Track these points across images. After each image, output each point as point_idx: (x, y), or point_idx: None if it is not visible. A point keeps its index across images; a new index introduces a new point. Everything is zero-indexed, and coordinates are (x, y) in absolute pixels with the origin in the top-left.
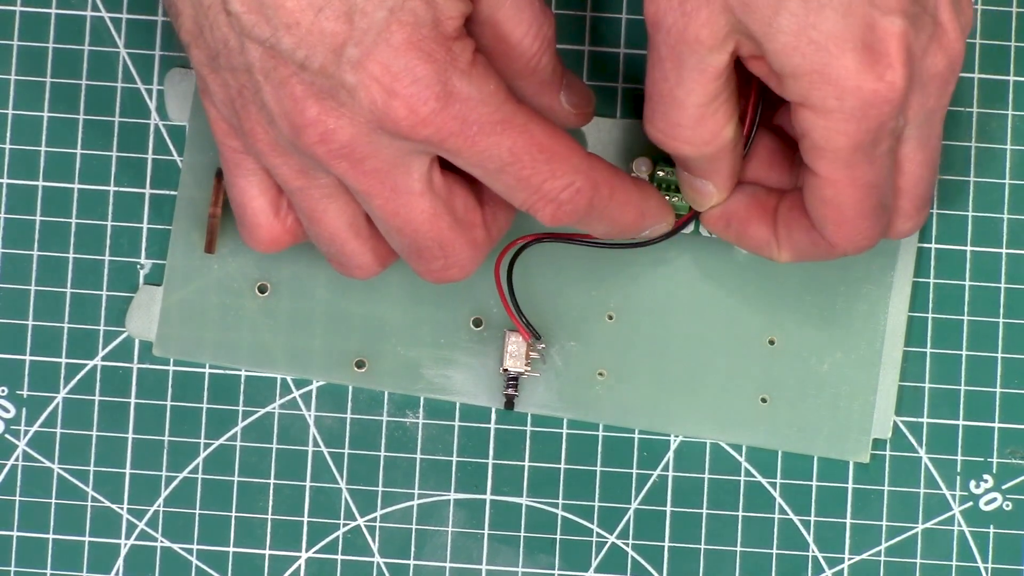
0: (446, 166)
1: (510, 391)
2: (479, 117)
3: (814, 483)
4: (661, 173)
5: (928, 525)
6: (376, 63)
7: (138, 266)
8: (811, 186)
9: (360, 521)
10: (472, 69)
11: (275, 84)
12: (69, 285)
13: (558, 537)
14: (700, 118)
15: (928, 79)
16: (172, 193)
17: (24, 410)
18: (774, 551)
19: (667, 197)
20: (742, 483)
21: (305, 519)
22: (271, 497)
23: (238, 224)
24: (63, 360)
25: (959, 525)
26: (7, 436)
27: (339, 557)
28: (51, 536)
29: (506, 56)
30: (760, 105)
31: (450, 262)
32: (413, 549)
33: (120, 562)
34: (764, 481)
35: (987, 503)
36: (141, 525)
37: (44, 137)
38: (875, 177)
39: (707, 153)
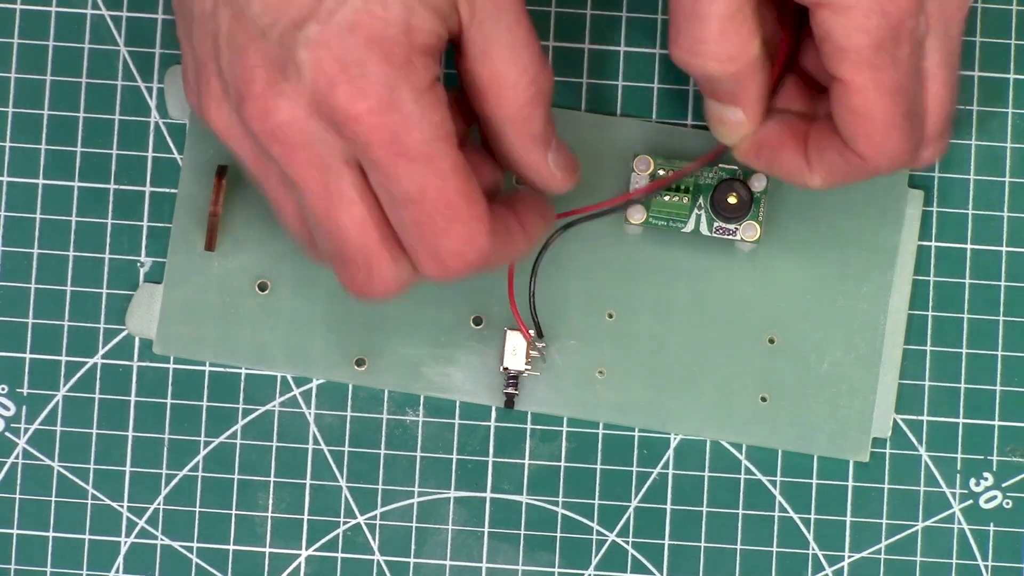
0: None
1: (510, 389)
2: (408, 139)
3: (814, 481)
4: (661, 172)
5: (928, 523)
6: (331, 47)
7: (138, 264)
8: (839, 98)
9: (360, 519)
10: (426, 91)
11: (234, 50)
12: (69, 283)
13: (558, 535)
14: (725, 32)
15: None
16: (172, 191)
17: (24, 408)
18: (774, 549)
19: (667, 197)
20: (742, 481)
21: (305, 517)
22: (271, 495)
23: None
24: (63, 358)
25: (959, 523)
26: (7, 434)
27: (339, 555)
28: (51, 534)
29: (497, 98)
30: (795, 31)
31: (373, 276)
32: (413, 547)
33: (120, 560)
34: (764, 479)
35: (987, 501)
36: (141, 523)
37: (44, 135)
38: (901, 81)
39: (734, 71)
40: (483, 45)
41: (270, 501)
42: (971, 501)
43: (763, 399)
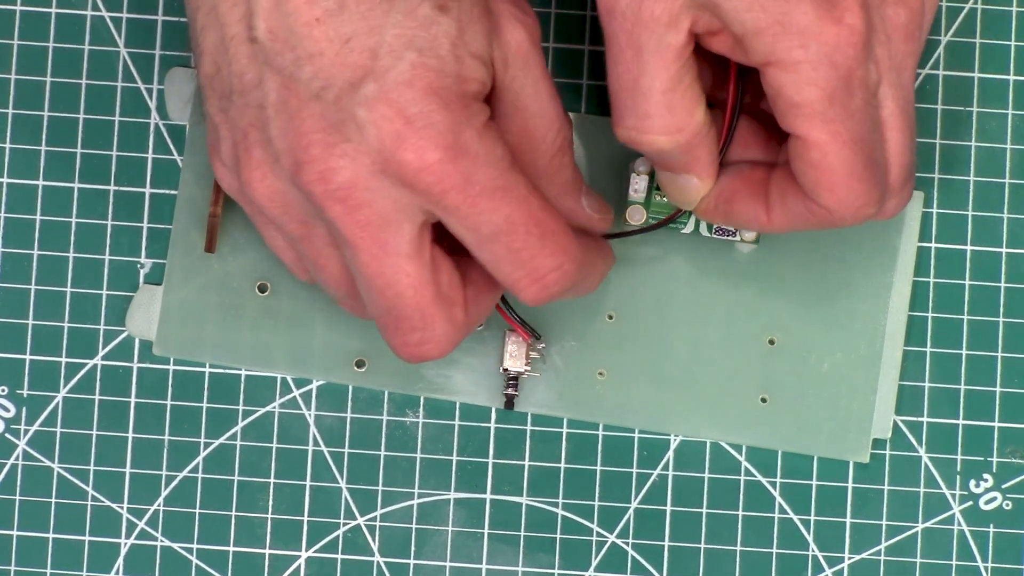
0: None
1: (510, 391)
2: (483, 178)
3: (814, 482)
4: None
5: (928, 524)
6: (392, 102)
7: (138, 265)
8: (797, 152)
9: (360, 520)
10: (485, 131)
11: (285, 117)
12: (69, 284)
13: (558, 536)
14: (668, 104)
15: (891, 30)
16: (172, 192)
17: (24, 409)
18: (774, 550)
19: (667, 198)
20: (742, 482)
21: (305, 518)
22: (271, 496)
23: None
24: (63, 359)
25: (959, 524)
26: (7, 435)
27: (339, 556)
28: (51, 535)
29: (530, 152)
30: (740, 83)
31: (427, 336)
32: (413, 548)
33: (120, 561)
34: (764, 480)
35: (987, 502)
36: (141, 524)
37: (44, 136)
38: (857, 131)
39: (682, 142)
40: (514, 100)
41: (270, 502)
42: (971, 502)
43: (763, 400)
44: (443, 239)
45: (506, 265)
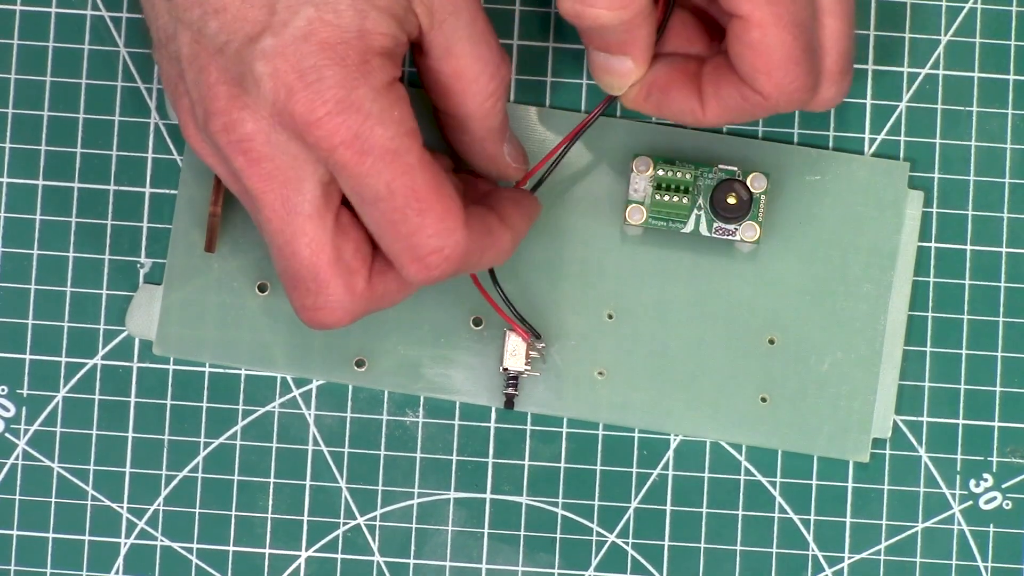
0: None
1: (510, 390)
2: (373, 137)
3: (814, 482)
4: (661, 172)
5: (928, 524)
6: (287, 57)
7: (138, 265)
8: (737, 34)
9: (360, 520)
10: (384, 90)
11: (196, 70)
12: (69, 284)
13: (558, 536)
14: None
15: None
16: (172, 192)
17: (24, 409)
18: (774, 550)
19: (667, 197)
20: (742, 482)
21: (305, 518)
22: (271, 496)
23: None
24: (63, 359)
25: (959, 524)
26: (7, 435)
27: (339, 556)
28: (51, 535)
29: (461, 94)
30: None
31: (320, 301)
32: (413, 548)
33: (120, 561)
34: (764, 480)
35: (987, 502)
36: (141, 524)
37: (44, 136)
38: (798, 15)
39: (625, 19)
40: (445, 44)
41: (270, 502)
42: (971, 502)
43: (763, 399)
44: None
45: (386, 236)
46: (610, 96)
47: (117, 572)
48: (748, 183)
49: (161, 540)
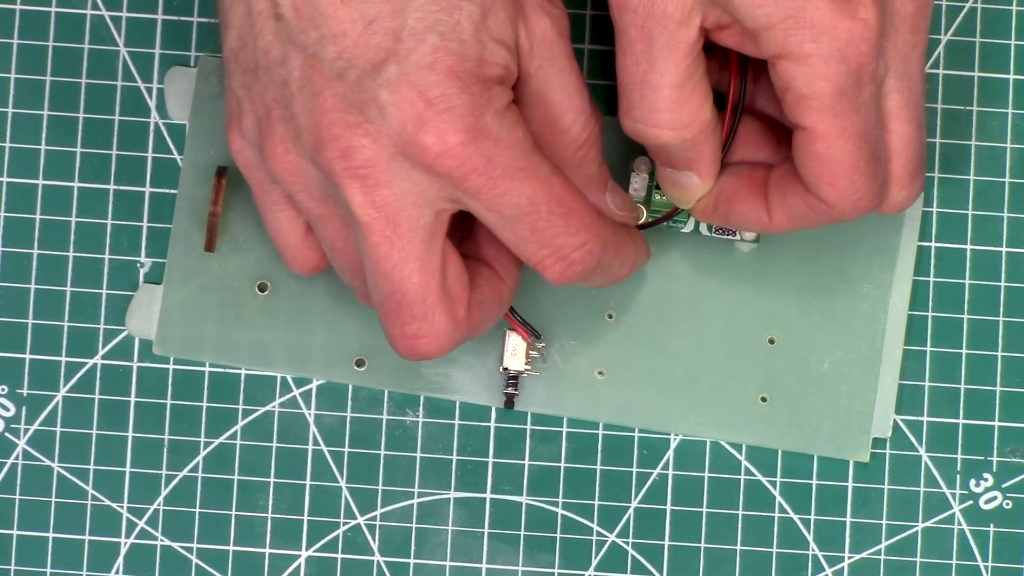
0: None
1: (510, 390)
2: (504, 160)
3: (814, 482)
4: None
5: (928, 524)
6: (414, 85)
7: (138, 265)
8: (801, 145)
9: (360, 520)
10: (506, 113)
11: (308, 95)
12: (69, 284)
13: (558, 536)
14: (677, 100)
15: (899, 22)
16: (172, 192)
17: (24, 409)
18: (774, 550)
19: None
20: (742, 482)
21: (305, 518)
22: (271, 496)
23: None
24: (63, 359)
25: (959, 524)
26: (7, 435)
27: (339, 556)
28: (51, 535)
29: (553, 142)
30: (743, 81)
31: (425, 328)
32: (413, 548)
33: (120, 561)
34: (764, 480)
35: (987, 502)
36: (141, 524)
37: (44, 136)
38: (863, 126)
39: (688, 138)
40: (538, 89)
41: (270, 502)
42: (971, 502)
43: (763, 399)
44: (459, 241)
45: (530, 245)
46: (676, 208)
47: (117, 572)
48: None
49: (161, 540)
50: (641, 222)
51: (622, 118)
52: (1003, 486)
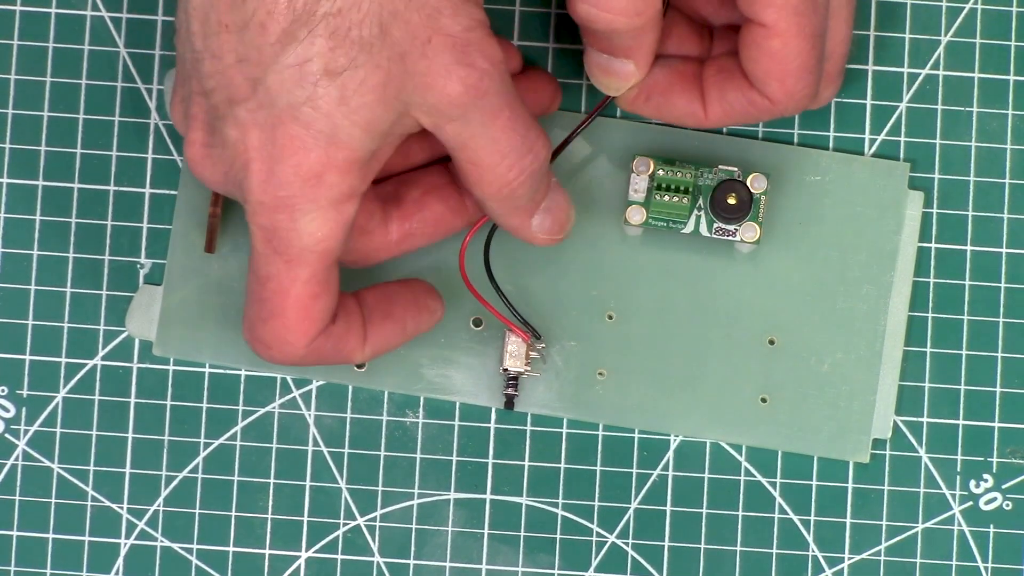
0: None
1: (510, 391)
2: (284, 240)
3: (814, 483)
4: (661, 173)
5: (928, 525)
6: (252, 137)
7: (138, 266)
8: (755, 41)
9: (360, 521)
10: (325, 207)
11: (188, 89)
12: (69, 285)
13: (558, 537)
14: None
15: None
16: (172, 193)
17: (24, 410)
18: (774, 551)
19: (667, 198)
20: (742, 483)
21: (305, 519)
22: (271, 497)
23: None
24: (63, 360)
25: (959, 525)
26: (7, 436)
27: (339, 557)
28: (51, 536)
29: (477, 181)
30: None
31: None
32: (413, 549)
33: (120, 562)
34: (764, 481)
35: (987, 503)
36: (141, 525)
37: (44, 137)
38: (821, 25)
39: (638, 25)
40: (457, 140)
41: (270, 502)
42: (971, 503)
43: (763, 400)
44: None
45: (249, 305)
46: (608, 97)
47: (117, 573)
48: (748, 184)
49: (161, 541)
50: (642, 223)
51: (572, 1)
52: (1003, 487)
